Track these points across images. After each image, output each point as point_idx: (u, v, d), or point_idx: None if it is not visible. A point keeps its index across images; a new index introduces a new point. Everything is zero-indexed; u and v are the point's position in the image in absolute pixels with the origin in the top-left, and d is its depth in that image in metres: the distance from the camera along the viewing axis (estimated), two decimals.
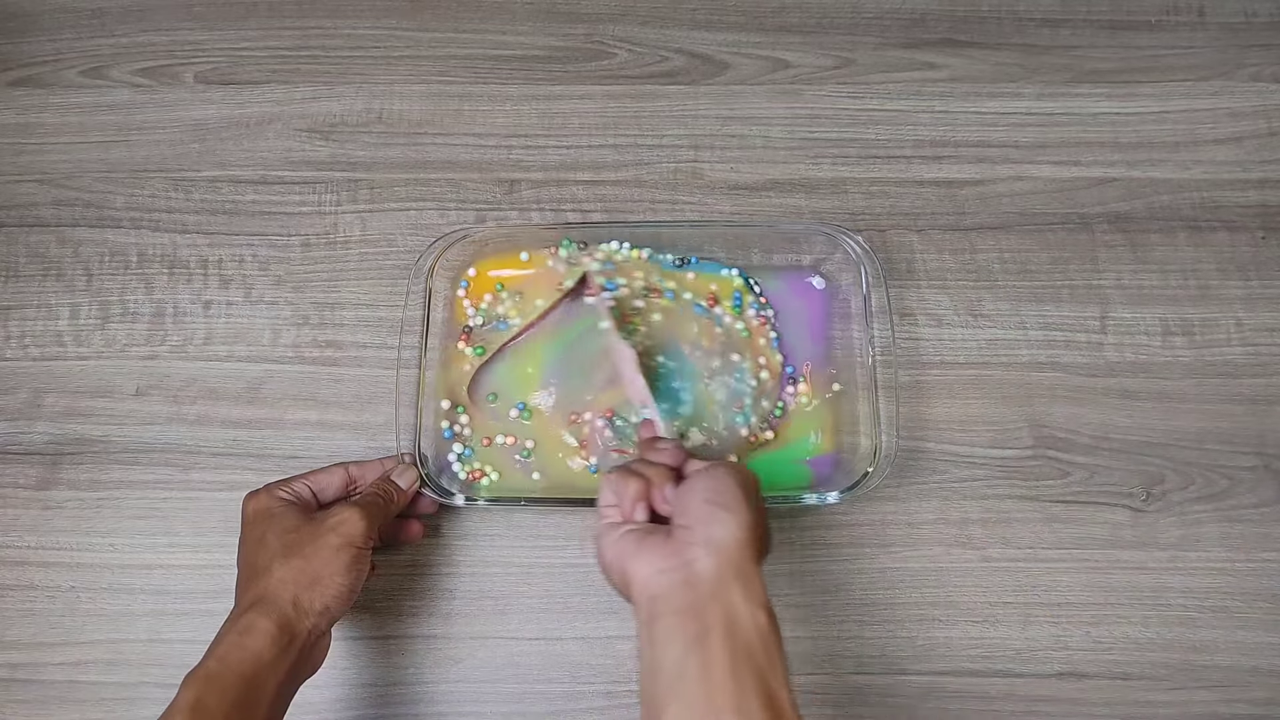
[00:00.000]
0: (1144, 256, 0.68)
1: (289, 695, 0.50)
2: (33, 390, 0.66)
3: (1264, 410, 0.64)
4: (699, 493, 0.45)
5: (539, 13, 0.76)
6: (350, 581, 0.51)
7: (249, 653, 0.47)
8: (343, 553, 0.51)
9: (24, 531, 0.63)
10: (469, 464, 0.62)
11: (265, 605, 0.49)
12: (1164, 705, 0.59)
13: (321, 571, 0.50)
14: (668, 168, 0.71)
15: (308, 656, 0.50)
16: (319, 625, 0.50)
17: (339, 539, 0.51)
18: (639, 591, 0.43)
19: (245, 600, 0.50)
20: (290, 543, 0.51)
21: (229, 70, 0.74)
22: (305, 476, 0.56)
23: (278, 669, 0.48)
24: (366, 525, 0.52)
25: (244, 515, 0.54)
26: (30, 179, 0.71)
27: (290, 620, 0.49)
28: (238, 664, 0.46)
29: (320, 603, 0.50)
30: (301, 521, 0.52)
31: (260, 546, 0.52)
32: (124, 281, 0.69)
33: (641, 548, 0.44)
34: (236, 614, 0.49)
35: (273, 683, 0.47)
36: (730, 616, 0.40)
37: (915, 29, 0.75)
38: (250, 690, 0.46)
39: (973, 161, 0.71)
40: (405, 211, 0.70)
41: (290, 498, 0.54)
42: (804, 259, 0.66)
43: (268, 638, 0.47)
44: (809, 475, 0.62)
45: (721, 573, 0.41)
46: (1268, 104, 0.72)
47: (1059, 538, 0.62)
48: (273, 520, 0.53)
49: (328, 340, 0.67)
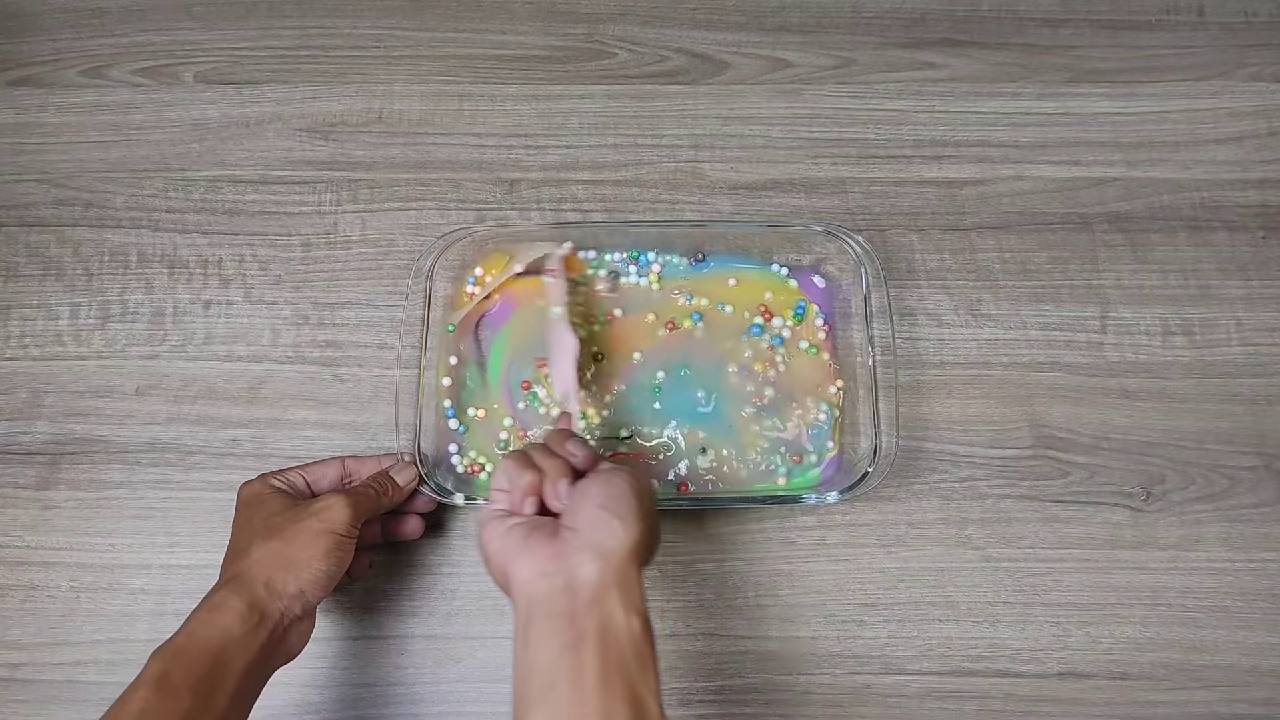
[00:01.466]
0: (1144, 256, 0.68)
1: (261, 677, 0.50)
2: (33, 390, 0.66)
3: (1264, 410, 0.64)
4: (593, 497, 0.45)
5: (539, 13, 0.76)
6: (328, 568, 0.51)
7: (216, 629, 0.47)
8: (322, 538, 0.51)
9: (24, 531, 0.63)
10: (467, 456, 0.62)
11: (237, 583, 0.49)
12: (1164, 705, 0.59)
13: (298, 555, 0.50)
14: (668, 168, 0.71)
15: (281, 640, 0.50)
16: (291, 608, 0.50)
17: (320, 524, 0.51)
18: (518, 592, 0.43)
19: (221, 579, 0.51)
20: (273, 525, 0.52)
21: (229, 70, 0.74)
22: (301, 467, 0.57)
23: (247, 647, 0.48)
24: (351, 514, 0.52)
25: (238, 500, 0.55)
26: (30, 179, 0.71)
27: (261, 600, 0.49)
28: (205, 640, 0.47)
29: (294, 586, 0.50)
30: (287, 506, 0.53)
31: (244, 530, 0.53)
32: (124, 281, 0.69)
33: (525, 546, 0.44)
34: (211, 591, 0.50)
35: (241, 661, 0.47)
36: (606, 624, 0.41)
37: (915, 29, 0.75)
38: (216, 665, 0.46)
39: (973, 161, 0.71)
40: (405, 211, 0.70)
41: (283, 485, 0.55)
42: (804, 259, 0.66)
43: (236, 615, 0.48)
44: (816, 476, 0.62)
45: (604, 580, 0.42)
46: (1268, 104, 0.72)
47: (1059, 538, 0.62)
48: (261, 505, 0.53)
49: (328, 340, 0.67)
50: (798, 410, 0.63)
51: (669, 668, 0.60)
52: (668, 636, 0.60)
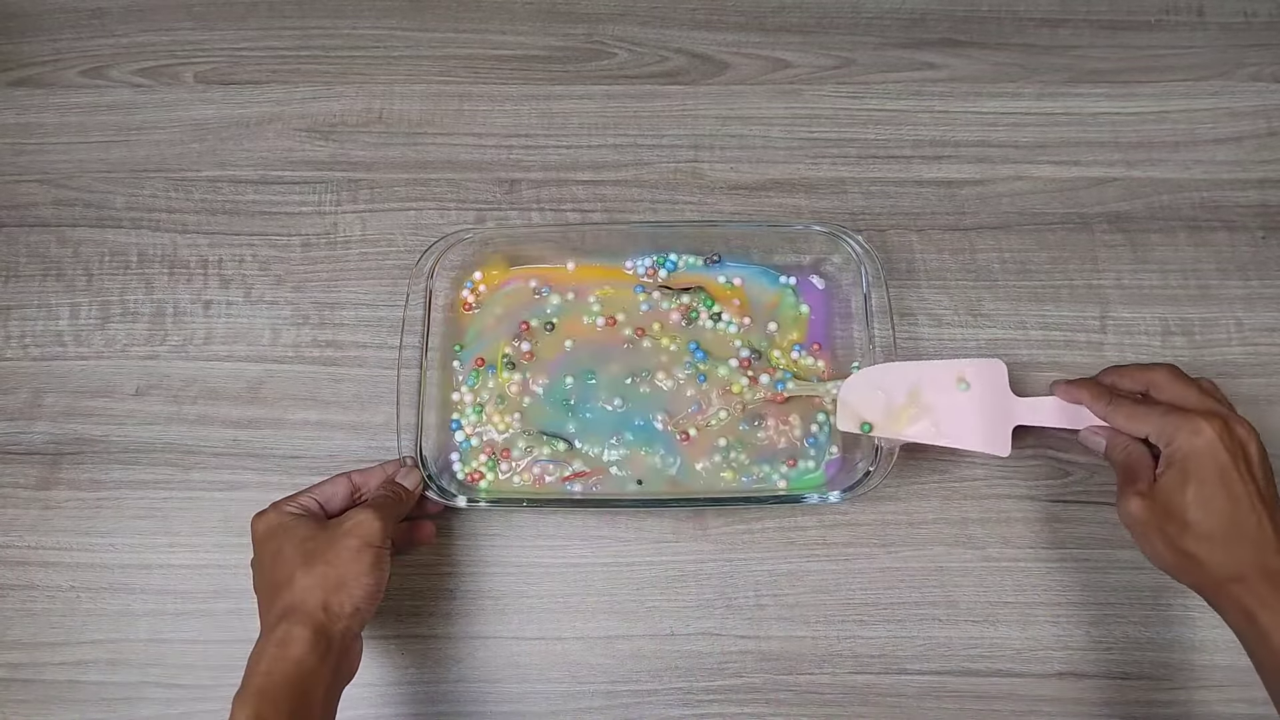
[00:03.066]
0: (1144, 256, 0.68)
1: (334, 704, 0.50)
2: (33, 390, 0.66)
3: (1264, 410, 0.64)
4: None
5: (539, 13, 0.76)
6: (375, 580, 0.51)
7: (292, 663, 0.47)
8: (364, 554, 0.51)
9: (24, 531, 0.63)
10: (469, 464, 0.62)
11: (297, 614, 0.49)
12: (1164, 705, 0.59)
13: (345, 574, 0.50)
14: (668, 168, 0.71)
15: (344, 661, 0.50)
16: (351, 628, 0.50)
17: (357, 540, 0.51)
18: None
19: (273, 615, 0.50)
20: (309, 551, 0.51)
21: (229, 70, 0.74)
22: (309, 490, 0.56)
23: (322, 675, 0.48)
24: (382, 524, 0.52)
25: (254, 536, 0.54)
26: (30, 179, 0.71)
27: (324, 625, 0.49)
28: (283, 676, 0.46)
29: (350, 604, 0.50)
30: (316, 530, 0.52)
31: (278, 561, 0.52)
32: (124, 281, 0.69)
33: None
34: (268, 629, 0.49)
35: (319, 689, 0.47)
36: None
37: (915, 29, 0.75)
38: (301, 699, 0.46)
39: (973, 161, 0.71)
40: (405, 211, 0.70)
41: (299, 511, 0.54)
42: (804, 259, 0.66)
43: (306, 645, 0.47)
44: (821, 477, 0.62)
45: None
46: (1268, 104, 0.72)
47: (1059, 538, 0.62)
48: (286, 534, 0.52)
49: (328, 340, 0.67)
50: (786, 431, 0.63)
51: (670, 668, 0.60)
52: (667, 636, 0.60)
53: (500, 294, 0.66)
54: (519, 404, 0.63)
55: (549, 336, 0.64)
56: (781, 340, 0.64)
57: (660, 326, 0.64)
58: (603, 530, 0.62)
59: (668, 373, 0.63)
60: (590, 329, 0.64)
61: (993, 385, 0.59)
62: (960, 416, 0.58)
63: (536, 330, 0.64)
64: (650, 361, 0.64)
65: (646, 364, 0.64)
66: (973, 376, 0.59)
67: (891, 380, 0.58)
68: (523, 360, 0.64)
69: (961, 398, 0.58)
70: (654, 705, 0.59)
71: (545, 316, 0.65)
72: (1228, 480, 0.49)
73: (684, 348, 0.64)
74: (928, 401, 0.58)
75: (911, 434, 0.58)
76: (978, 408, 0.58)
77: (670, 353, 0.64)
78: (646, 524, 0.62)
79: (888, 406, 0.58)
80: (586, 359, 0.64)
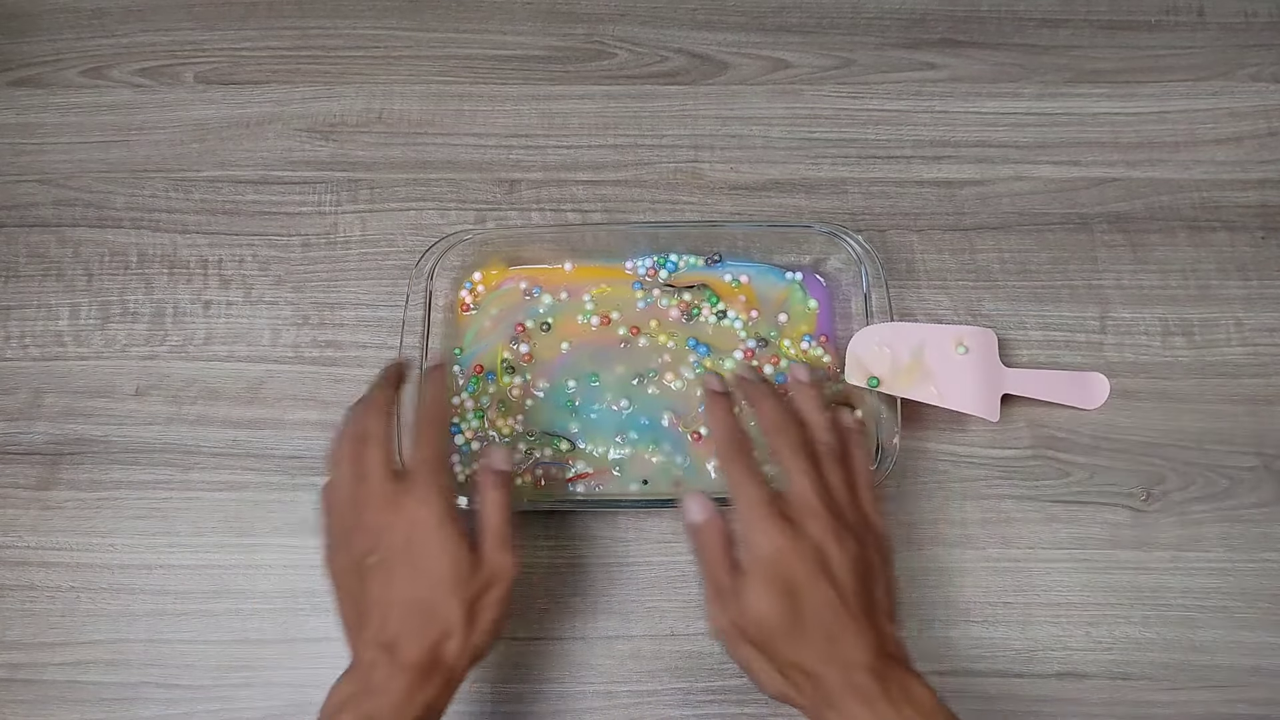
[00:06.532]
0: (1144, 256, 0.68)
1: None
2: (33, 390, 0.66)
3: (1264, 410, 0.64)
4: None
5: (539, 13, 0.76)
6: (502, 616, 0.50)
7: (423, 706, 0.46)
8: (506, 601, 0.49)
9: (24, 531, 0.63)
10: (469, 466, 0.62)
11: (443, 664, 0.47)
12: (1164, 705, 0.59)
13: (482, 621, 0.49)
14: (668, 168, 0.71)
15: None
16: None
17: (500, 591, 0.49)
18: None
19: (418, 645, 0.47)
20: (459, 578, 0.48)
21: (229, 70, 0.74)
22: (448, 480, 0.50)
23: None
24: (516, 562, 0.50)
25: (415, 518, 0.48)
26: (30, 179, 0.71)
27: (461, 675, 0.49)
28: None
29: (482, 648, 0.49)
30: (471, 571, 0.48)
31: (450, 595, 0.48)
32: (124, 281, 0.69)
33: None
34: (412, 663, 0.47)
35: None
36: None
37: (915, 29, 0.75)
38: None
39: (973, 161, 0.71)
40: (405, 211, 0.70)
41: (462, 528, 0.49)
42: (804, 259, 0.66)
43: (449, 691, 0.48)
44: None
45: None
46: (1268, 104, 0.72)
47: (1059, 538, 0.62)
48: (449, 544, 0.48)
49: (328, 340, 0.67)
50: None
51: (670, 668, 0.60)
52: (667, 636, 0.60)
53: (495, 295, 0.66)
54: (521, 407, 0.63)
55: (546, 337, 0.64)
56: (791, 331, 0.64)
57: (657, 324, 0.64)
58: (603, 530, 0.62)
59: (675, 373, 0.63)
60: (585, 329, 0.64)
61: (985, 353, 0.62)
62: (958, 380, 0.61)
63: (533, 331, 0.64)
64: (650, 360, 0.64)
65: (647, 363, 0.64)
66: (970, 341, 0.61)
67: (898, 338, 0.61)
68: (522, 362, 0.64)
69: (960, 361, 0.61)
70: (654, 705, 0.59)
71: (540, 317, 0.65)
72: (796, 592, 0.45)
73: (682, 344, 0.64)
74: (929, 362, 0.60)
75: (915, 394, 0.60)
76: (973, 373, 0.61)
77: (671, 351, 0.64)
78: (647, 524, 0.62)
79: (893, 364, 0.60)
80: (586, 359, 0.64)
